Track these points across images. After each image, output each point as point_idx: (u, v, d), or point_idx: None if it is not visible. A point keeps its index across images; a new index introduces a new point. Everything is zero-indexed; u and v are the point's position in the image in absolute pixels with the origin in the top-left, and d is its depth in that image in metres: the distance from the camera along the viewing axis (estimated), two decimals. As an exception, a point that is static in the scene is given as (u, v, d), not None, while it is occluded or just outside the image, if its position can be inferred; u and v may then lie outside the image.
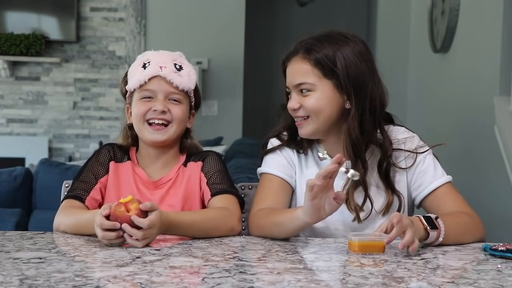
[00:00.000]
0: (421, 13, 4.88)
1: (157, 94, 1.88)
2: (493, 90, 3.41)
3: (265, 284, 1.31)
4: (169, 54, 1.95)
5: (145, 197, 1.88)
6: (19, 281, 1.27)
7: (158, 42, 5.80)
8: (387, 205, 1.85)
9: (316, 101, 1.82)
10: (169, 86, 1.88)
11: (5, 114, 5.79)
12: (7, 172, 3.41)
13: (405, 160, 1.88)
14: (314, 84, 1.81)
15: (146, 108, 1.88)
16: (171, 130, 1.90)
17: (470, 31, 3.91)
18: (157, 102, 1.88)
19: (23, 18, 5.73)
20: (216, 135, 5.25)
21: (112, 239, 1.61)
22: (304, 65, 1.82)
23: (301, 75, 1.82)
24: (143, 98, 1.89)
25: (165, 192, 1.92)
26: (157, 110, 1.87)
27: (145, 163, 1.96)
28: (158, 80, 1.88)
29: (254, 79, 6.81)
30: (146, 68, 1.89)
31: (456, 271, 1.47)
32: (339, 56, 1.79)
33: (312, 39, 1.84)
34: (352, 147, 1.81)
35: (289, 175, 1.91)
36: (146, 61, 1.91)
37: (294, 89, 1.85)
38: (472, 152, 3.73)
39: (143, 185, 1.93)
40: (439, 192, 1.86)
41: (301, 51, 1.84)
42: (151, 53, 1.95)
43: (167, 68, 1.88)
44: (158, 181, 1.93)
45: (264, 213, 1.80)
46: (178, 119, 1.90)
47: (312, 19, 7.13)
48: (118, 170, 1.94)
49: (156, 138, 1.90)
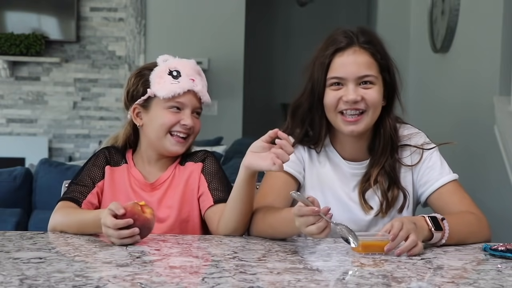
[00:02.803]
0: (421, 13, 4.87)
1: (185, 108, 1.90)
2: (493, 90, 3.41)
3: (265, 284, 1.31)
4: (193, 64, 1.95)
5: (143, 199, 1.86)
6: (19, 281, 1.27)
7: (158, 42, 5.81)
8: (392, 201, 1.84)
9: (378, 94, 1.78)
10: (197, 101, 1.92)
11: (5, 114, 5.79)
12: (7, 172, 3.41)
13: (411, 157, 1.88)
14: (376, 77, 1.78)
15: (175, 120, 1.89)
16: (189, 142, 1.94)
17: (470, 31, 3.91)
18: (186, 116, 1.89)
19: (23, 18, 5.73)
20: (216, 135, 5.25)
21: (126, 237, 1.61)
22: (366, 56, 1.77)
23: (366, 66, 1.76)
24: (172, 109, 1.89)
25: (163, 193, 1.92)
26: (187, 125, 1.89)
27: (142, 165, 1.96)
28: (190, 95, 1.89)
29: (254, 79, 6.81)
30: (177, 78, 1.88)
31: (456, 271, 1.47)
32: (389, 55, 1.81)
33: (365, 32, 1.80)
34: (391, 144, 1.83)
35: (297, 170, 1.87)
36: (173, 69, 1.89)
37: (354, 81, 1.76)
38: (472, 152, 3.73)
39: (139, 188, 1.92)
40: (445, 190, 1.85)
41: (360, 42, 1.77)
42: (175, 61, 1.93)
43: (196, 82, 1.90)
44: (155, 182, 1.93)
45: (261, 214, 1.79)
46: (197, 132, 1.95)
47: (312, 19, 7.13)
48: (113, 174, 1.94)
49: (177, 150, 1.92)
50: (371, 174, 1.85)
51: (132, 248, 1.59)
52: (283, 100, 6.84)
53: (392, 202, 1.85)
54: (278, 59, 7.25)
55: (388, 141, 1.84)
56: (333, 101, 1.78)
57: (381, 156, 1.84)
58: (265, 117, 6.84)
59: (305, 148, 1.90)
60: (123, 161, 1.96)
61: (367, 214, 1.85)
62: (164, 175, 1.94)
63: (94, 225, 1.68)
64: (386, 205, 1.85)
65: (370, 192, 1.86)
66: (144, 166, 1.95)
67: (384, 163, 1.84)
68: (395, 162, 1.86)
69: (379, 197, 1.85)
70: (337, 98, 1.77)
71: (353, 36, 1.77)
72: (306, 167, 1.89)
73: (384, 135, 1.84)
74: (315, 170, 1.88)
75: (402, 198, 1.86)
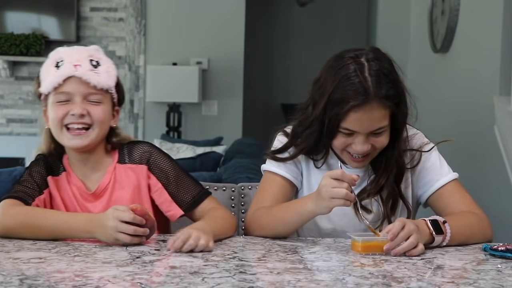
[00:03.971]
0: (421, 13, 4.87)
1: (73, 97, 1.73)
2: (493, 90, 3.41)
3: (265, 284, 1.31)
4: (84, 50, 1.79)
5: (87, 210, 1.78)
6: (19, 281, 1.27)
7: (158, 42, 5.81)
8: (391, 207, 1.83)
9: (387, 138, 1.76)
10: (86, 87, 1.73)
11: (5, 114, 5.79)
12: (7, 172, 3.40)
13: (409, 158, 1.87)
14: (388, 125, 1.75)
15: (63, 112, 1.73)
16: (93, 134, 1.75)
17: (470, 31, 3.91)
18: (75, 105, 1.72)
19: (23, 18, 5.73)
20: (216, 135, 5.25)
21: (139, 234, 1.59)
22: (382, 110, 1.71)
23: (379, 121, 1.72)
24: (59, 102, 1.74)
25: (108, 199, 1.79)
26: (75, 114, 1.72)
27: (78, 168, 1.81)
28: (74, 81, 1.73)
29: (254, 79, 6.82)
30: (59, 67, 1.74)
31: (456, 271, 1.47)
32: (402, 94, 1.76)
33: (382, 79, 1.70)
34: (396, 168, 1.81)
35: (295, 176, 1.87)
36: (59, 60, 1.75)
37: (365, 134, 1.73)
38: (472, 152, 3.73)
39: (82, 198, 1.80)
40: (446, 190, 1.83)
41: (377, 96, 1.69)
42: (64, 50, 1.79)
43: (83, 67, 1.73)
44: (96, 191, 1.80)
45: (264, 212, 1.79)
46: (100, 121, 1.75)
47: (312, 19, 7.13)
48: (57, 184, 1.80)
49: (77, 144, 1.75)
50: (369, 190, 1.81)
51: (132, 248, 1.59)
52: (283, 100, 6.84)
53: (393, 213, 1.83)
54: (278, 59, 7.25)
55: (392, 160, 1.81)
56: (342, 145, 1.76)
57: (382, 175, 1.81)
58: (265, 117, 6.85)
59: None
60: (61, 168, 1.82)
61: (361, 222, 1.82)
62: (104, 180, 1.80)
63: (84, 226, 1.62)
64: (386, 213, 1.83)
65: (366, 202, 1.84)
66: (80, 170, 1.81)
67: (384, 182, 1.81)
68: (399, 181, 1.82)
69: (376, 207, 1.83)
70: (346, 144, 1.75)
71: (370, 88, 1.68)
72: (304, 172, 1.88)
73: (393, 155, 1.80)
74: (313, 175, 1.88)
75: (405, 212, 1.84)
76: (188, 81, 5.56)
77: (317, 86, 1.76)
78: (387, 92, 1.70)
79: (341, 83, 1.70)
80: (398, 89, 1.74)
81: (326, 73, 1.74)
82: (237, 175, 3.10)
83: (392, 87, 1.72)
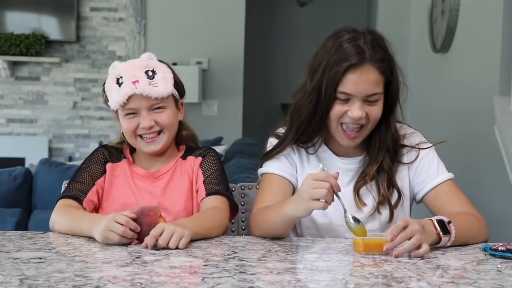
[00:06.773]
0: (421, 13, 4.87)
1: (139, 111, 1.86)
2: (493, 90, 3.41)
3: (265, 284, 1.31)
4: (139, 62, 1.89)
5: (146, 191, 1.89)
6: (19, 281, 1.27)
7: (158, 42, 5.81)
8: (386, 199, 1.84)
9: (380, 110, 1.79)
10: (148, 100, 1.85)
11: (5, 114, 5.79)
12: (7, 172, 3.41)
13: (407, 155, 1.88)
14: (382, 92, 1.78)
15: (134, 125, 1.88)
16: (164, 137, 1.90)
17: (470, 31, 3.91)
18: (142, 118, 1.86)
19: (23, 18, 5.73)
20: (216, 135, 5.25)
21: (128, 237, 1.62)
22: (376, 74, 1.75)
23: (374, 85, 1.75)
24: (128, 115, 1.88)
25: (166, 184, 1.91)
26: (145, 127, 1.86)
27: (144, 160, 1.96)
28: (136, 98, 1.85)
29: (254, 79, 6.82)
30: (120, 85, 1.85)
31: (456, 271, 1.47)
32: (395, 63, 1.80)
33: (376, 46, 1.77)
34: (392, 144, 1.84)
35: (290, 174, 1.89)
36: (118, 76, 1.87)
37: (361, 99, 1.76)
38: (472, 152, 3.73)
39: (141, 181, 1.92)
40: (442, 189, 1.85)
41: (372, 59, 1.74)
42: (121, 66, 1.90)
43: (141, 82, 1.84)
44: (156, 172, 1.93)
45: (260, 212, 1.81)
46: (168, 125, 1.89)
47: (312, 19, 7.13)
48: (115, 171, 1.94)
49: (153, 149, 1.91)
50: (368, 172, 1.85)
51: (132, 248, 1.59)
52: (283, 100, 6.84)
53: (387, 199, 1.85)
54: (278, 59, 7.25)
55: (386, 140, 1.84)
56: (338, 114, 1.78)
57: (378, 154, 1.85)
58: (265, 117, 6.85)
59: (295, 150, 1.91)
60: (122, 156, 1.97)
61: (360, 212, 1.84)
62: (166, 167, 1.94)
63: (88, 230, 1.68)
64: (380, 202, 1.85)
65: (364, 189, 1.86)
66: (145, 161, 1.95)
67: (381, 160, 1.85)
68: (394, 160, 1.86)
69: (373, 195, 1.85)
70: (342, 112, 1.78)
71: (366, 51, 1.74)
72: (298, 170, 1.90)
73: (387, 134, 1.84)
74: (306, 169, 1.89)
75: (396, 196, 1.86)
76: (188, 81, 5.53)
77: (314, 60, 1.82)
78: (382, 57, 1.76)
79: (338, 49, 1.76)
80: (391, 62, 1.79)
81: (323, 46, 1.81)
82: (237, 175, 3.11)
83: (386, 57, 1.78)
